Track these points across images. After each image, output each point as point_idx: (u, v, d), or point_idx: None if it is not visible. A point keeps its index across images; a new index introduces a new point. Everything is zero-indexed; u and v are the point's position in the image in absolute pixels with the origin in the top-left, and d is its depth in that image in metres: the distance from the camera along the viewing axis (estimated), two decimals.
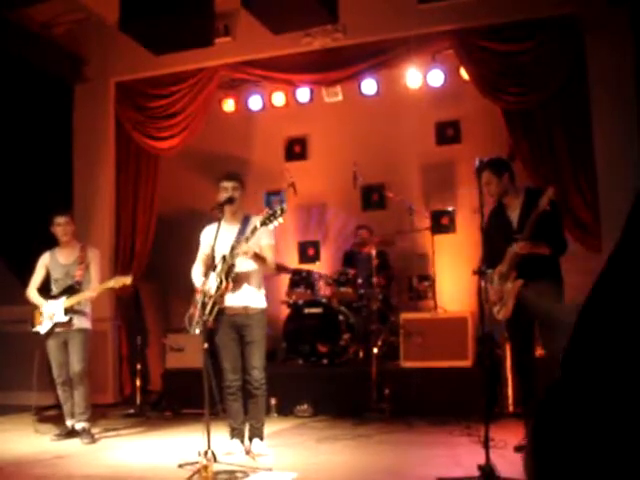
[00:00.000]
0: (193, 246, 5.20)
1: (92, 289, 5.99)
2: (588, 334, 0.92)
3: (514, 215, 4.89)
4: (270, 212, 4.63)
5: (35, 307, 6.05)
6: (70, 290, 5.97)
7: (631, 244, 0.94)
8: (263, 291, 5.04)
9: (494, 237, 4.85)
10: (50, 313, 5.92)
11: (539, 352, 5.36)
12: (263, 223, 4.63)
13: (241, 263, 4.83)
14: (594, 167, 6.64)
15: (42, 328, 5.95)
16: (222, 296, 4.78)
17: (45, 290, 6.11)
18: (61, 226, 6.11)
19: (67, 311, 5.90)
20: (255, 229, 4.68)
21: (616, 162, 6.44)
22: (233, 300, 4.86)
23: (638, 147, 6.28)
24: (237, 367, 4.95)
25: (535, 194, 4.93)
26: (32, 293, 6.09)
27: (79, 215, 8.21)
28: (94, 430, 6.06)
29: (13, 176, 8.05)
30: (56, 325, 5.92)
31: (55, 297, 5.98)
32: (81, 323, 6.00)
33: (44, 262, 6.15)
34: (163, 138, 8.31)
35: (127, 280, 5.97)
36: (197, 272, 5.03)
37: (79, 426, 5.95)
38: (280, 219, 4.61)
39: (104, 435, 6.11)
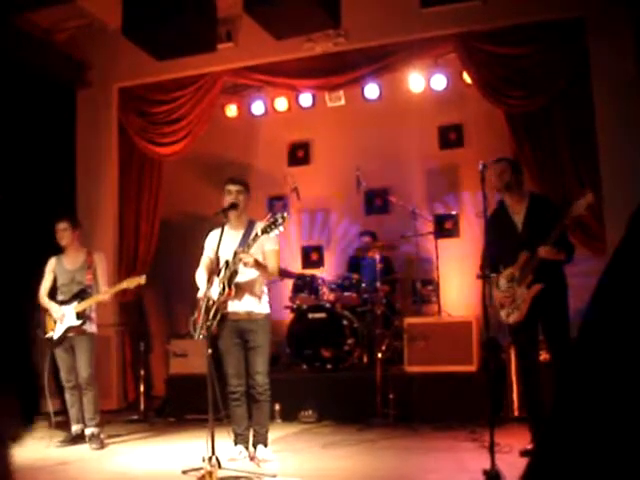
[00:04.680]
0: (196, 251, 5.19)
1: (105, 292, 5.99)
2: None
3: (518, 219, 4.86)
4: (271, 220, 4.62)
5: (46, 313, 6.04)
6: (81, 294, 5.96)
7: (633, 247, 0.93)
8: (266, 297, 5.03)
9: (497, 239, 4.82)
10: (62, 318, 5.91)
11: (543, 356, 5.35)
12: (264, 231, 4.61)
13: (244, 271, 4.82)
14: (598, 170, 6.62)
15: (55, 334, 5.94)
16: (225, 302, 4.77)
17: (51, 297, 6.10)
18: (59, 232, 6.13)
19: (79, 315, 5.90)
20: (256, 237, 4.67)
21: (620, 165, 6.42)
22: (237, 306, 4.84)
23: None
24: (241, 372, 4.93)
25: (539, 200, 4.95)
26: (44, 298, 6.07)
27: (82, 220, 8.21)
28: (101, 436, 6.05)
29: (16, 181, 8.04)
30: (68, 330, 5.92)
31: (66, 302, 5.98)
32: (88, 327, 6.00)
33: (51, 267, 6.14)
34: (166, 144, 8.32)
35: (141, 280, 5.96)
36: (201, 277, 5.01)
37: (88, 431, 5.95)
38: (281, 227, 4.59)
39: (108, 441, 6.09)
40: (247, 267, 4.71)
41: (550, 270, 4.66)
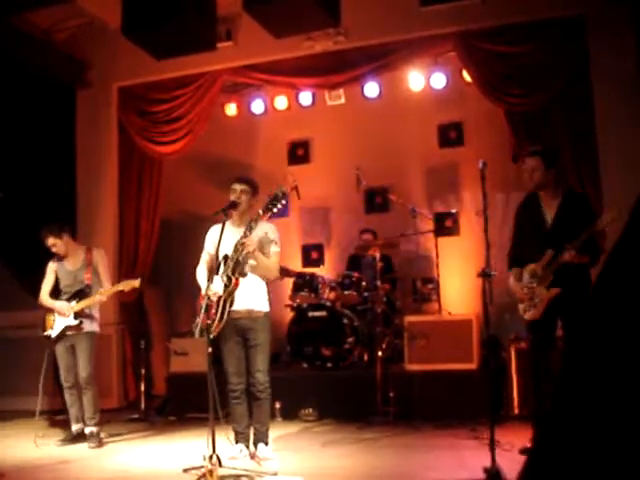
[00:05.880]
0: (197, 250, 5.17)
1: (102, 292, 5.98)
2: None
3: (549, 215, 4.76)
4: (271, 197, 4.63)
5: (46, 312, 6.05)
6: (80, 294, 5.97)
7: (630, 244, 0.93)
8: (266, 295, 5.02)
9: (525, 231, 4.77)
10: (62, 317, 5.92)
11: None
12: (266, 209, 4.63)
13: (245, 270, 4.81)
14: (598, 168, 6.62)
15: (53, 332, 5.96)
16: (232, 294, 4.70)
17: (54, 297, 6.10)
18: (50, 248, 6.08)
19: (77, 315, 5.91)
20: (258, 216, 4.67)
21: (620, 163, 6.42)
22: (237, 304, 4.83)
23: None
24: (241, 371, 4.93)
25: (576, 198, 4.82)
26: (45, 298, 6.07)
27: (82, 219, 8.23)
28: (101, 435, 6.05)
29: (16, 181, 8.06)
30: (67, 329, 5.93)
31: (66, 301, 5.98)
32: (89, 326, 6.00)
33: (53, 268, 6.14)
34: (166, 142, 8.32)
35: (136, 283, 5.99)
36: (202, 274, 4.98)
37: (87, 430, 5.96)
38: (283, 201, 4.62)
39: (108, 440, 6.10)
40: (249, 249, 4.66)
41: (574, 273, 4.57)
